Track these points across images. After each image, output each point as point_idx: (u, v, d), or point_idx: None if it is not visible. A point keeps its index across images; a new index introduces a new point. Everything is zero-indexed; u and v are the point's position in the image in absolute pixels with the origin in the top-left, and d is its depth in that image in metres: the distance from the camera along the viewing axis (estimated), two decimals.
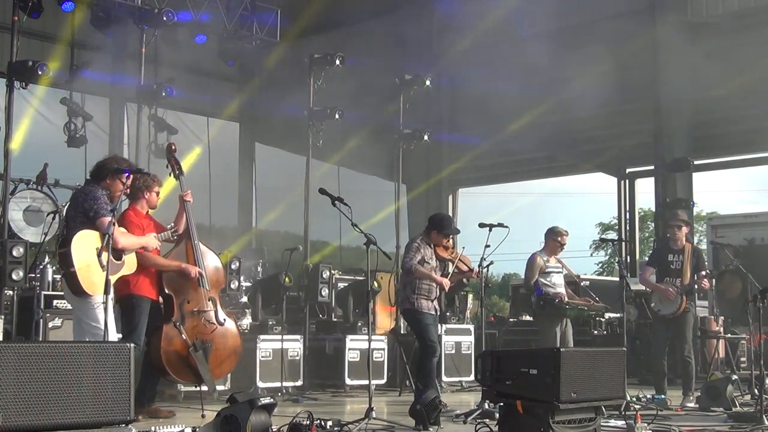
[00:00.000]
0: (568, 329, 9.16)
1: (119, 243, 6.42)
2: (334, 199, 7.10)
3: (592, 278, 20.59)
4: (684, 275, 9.03)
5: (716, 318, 13.07)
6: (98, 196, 6.47)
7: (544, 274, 9.11)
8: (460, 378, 11.35)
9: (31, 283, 8.84)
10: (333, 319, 11.41)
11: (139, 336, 7.00)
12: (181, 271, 7.24)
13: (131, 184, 6.97)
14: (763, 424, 7.00)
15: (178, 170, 7.49)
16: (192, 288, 7.30)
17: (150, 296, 7.16)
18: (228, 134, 18.30)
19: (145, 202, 7.24)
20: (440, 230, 8.31)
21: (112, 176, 6.62)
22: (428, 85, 12.71)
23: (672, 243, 9.27)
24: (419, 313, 8.15)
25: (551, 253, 9.24)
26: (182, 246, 7.36)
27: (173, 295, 7.24)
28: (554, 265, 9.23)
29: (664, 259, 9.24)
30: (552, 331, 9.00)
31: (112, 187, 6.60)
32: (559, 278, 9.24)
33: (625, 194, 20.69)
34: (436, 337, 8.20)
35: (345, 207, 7.07)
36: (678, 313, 8.99)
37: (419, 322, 8.19)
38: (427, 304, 8.19)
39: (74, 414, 4.21)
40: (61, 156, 12.68)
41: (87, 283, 6.26)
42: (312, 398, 9.30)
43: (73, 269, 6.23)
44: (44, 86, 11.56)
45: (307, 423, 5.71)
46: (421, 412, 6.48)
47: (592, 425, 5.77)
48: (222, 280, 7.86)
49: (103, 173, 6.69)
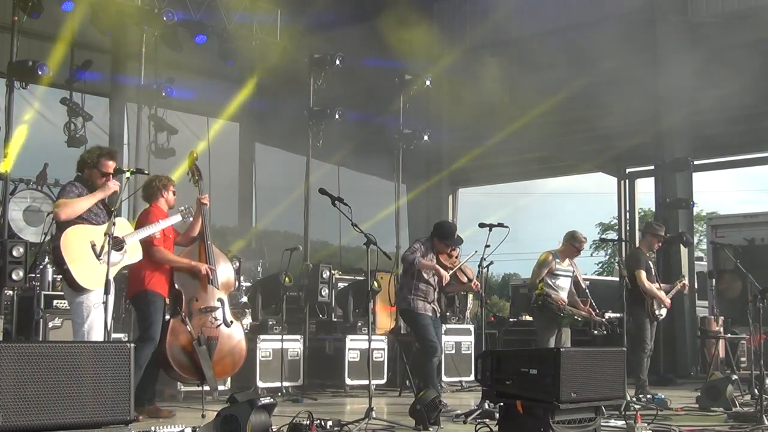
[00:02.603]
0: (565, 333, 9.11)
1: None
2: (334, 199, 7.11)
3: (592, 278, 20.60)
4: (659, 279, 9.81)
5: (716, 318, 13.08)
6: (65, 188, 6.53)
7: (552, 275, 9.07)
8: (460, 378, 11.35)
9: (31, 283, 8.84)
10: (333, 319, 11.41)
11: (156, 331, 7.08)
12: (191, 268, 7.34)
13: (148, 184, 7.33)
14: (763, 424, 7.00)
15: (198, 176, 7.67)
16: (201, 286, 7.42)
17: (162, 293, 7.25)
18: (228, 134, 18.28)
19: (164, 200, 7.39)
20: (441, 239, 8.33)
21: (89, 167, 6.64)
22: (428, 85, 12.72)
23: (647, 249, 9.76)
24: (416, 313, 8.16)
25: (565, 256, 9.22)
26: (195, 246, 7.53)
27: (182, 291, 7.35)
28: (565, 268, 9.18)
29: (649, 266, 9.64)
30: (547, 333, 9.01)
31: (91, 177, 6.61)
32: (566, 282, 9.19)
33: (625, 194, 20.68)
34: (434, 337, 8.19)
35: (345, 207, 7.08)
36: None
37: (416, 323, 8.21)
38: (423, 306, 8.19)
39: (74, 414, 4.21)
40: (61, 156, 12.67)
41: (82, 278, 6.23)
42: (312, 398, 9.30)
43: (66, 266, 6.22)
44: (44, 86, 11.56)
45: (307, 423, 5.71)
46: (421, 412, 6.49)
47: (592, 425, 5.77)
48: (232, 283, 7.97)
49: (80, 165, 6.74)
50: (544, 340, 8.96)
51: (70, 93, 13.16)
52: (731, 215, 16.91)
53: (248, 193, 19.00)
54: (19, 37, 10.05)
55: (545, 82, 15.25)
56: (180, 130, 13.79)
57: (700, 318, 13.91)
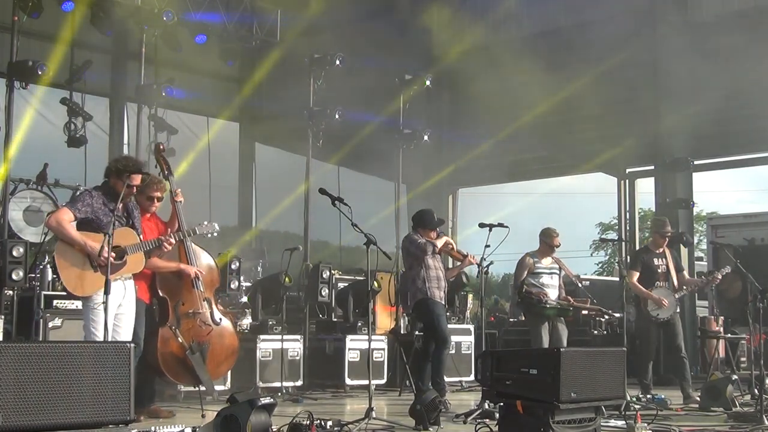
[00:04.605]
0: (559, 330, 9.12)
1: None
2: (334, 199, 7.10)
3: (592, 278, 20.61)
4: (672, 277, 9.32)
5: (716, 318, 13.08)
6: (81, 196, 6.51)
7: (534, 275, 9.15)
8: (460, 378, 11.35)
9: (31, 283, 8.83)
10: (333, 319, 11.40)
11: (140, 338, 6.96)
12: (180, 271, 7.24)
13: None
14: (763, 424, 7.00)
15: (167, 170, 7.42)
16: (186, 290, 7.29)
17: (144, 300, 7.12)
18: (228, 134, 18.27)
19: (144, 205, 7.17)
20: (425, 227, 8.35)
21: (115, 176, 6.59)
22: (428, 85, 12.71)
23: (655, 247, 9.48)
24: (433, 303, 8.21)
25: (543, 254, 9.26)
26: (174, 247, 7.27)
27: (168, 297, 7.23)
28: (547, 266, 9.22)
29: (650, 264, 9.40)
30: (538, 330, 9.05)
31: (116, 187, 6.52)
32: (550, 279, 9.22)
33: (625, 194, 20.64)
34: (447, 329, 8.25)
35: (345, 207, 7.08)
36: (674, 315, 9.22)
37: (432, 312, 8.24)
38: (439, 294, 8.27)
39: (74, 414, 4.21)
40: (61, 156, 12.66)
41: (73, 286, 6.22)
42: (312, 398, 9.30)
43: (57, 273, 6.23)
44: (44, 86, 11.55)
45: (307, 423, 5.72)
46: (421, 412, 6.49)
47: (592, 425, 5.77)
48: (216, 279, 7.79)
49: (107, 172, 6.71)
50: (537, 335, 9.00)
51: (70, 93, 13.13)
52: (731, 215, 16.91)
53: (248, 193, 18.97)
54: (19, 37, 10.05)
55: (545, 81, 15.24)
56: (180, 130, 13.77)
57: (700, 318, 13.91)
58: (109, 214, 6.32)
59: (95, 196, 6.48)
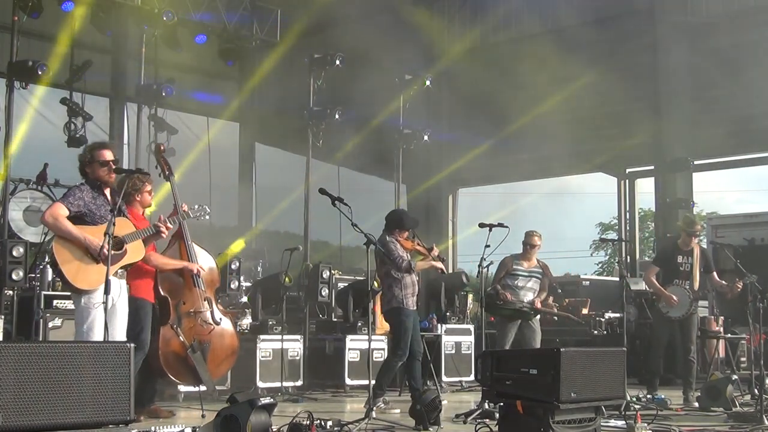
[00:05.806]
0: (530, 331, 9.06)
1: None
2: (334, 199, 7.09)
3: (592, 278, 20.59)
4: (694, 278, 9.03)
5: (716, 318, 13.07)
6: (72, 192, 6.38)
7: (511, 275, 9.14)
8: (460, 378, 11.35)
9: (31, 283, 8.84)
10: (333, 319, 11.41)
11: (147, 337, 6.98)
12: (184, 269, 7.26)
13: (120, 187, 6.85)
14: (763, 424, 7.00)
15: (168, 171, 7.40)
16: (187, 289, 7.30)
17: (149, 299, 7.13)
18: (228, 134, 18.28)
19: (138, 204, 7.15)
20: (402, 228, 8.20)
21: (89, 165, 6.48)
22: (428, 85, 12.71)
23: (682, 245, 9.18)
24: (406, 314, 7.97)
25: (525, 257, 9.23)
26: (176, 247, 7.35)
27: (169, 296, 7.24)
28: (527, 269, 9.18)
29: (672, 260, 9.16)
30: (504, 329, 9.04)
31: (96, 173, 6.42)
32: (526, 282, 9.17)
33: (625, 194, 20.63)
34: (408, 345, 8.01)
35: (345, 207, 7.06)
36: (687, 315, 9.01)
37: (401, 323, 7.93)
38: (413, 301, 8.07)
39: (74, 414, 4.21)
40: (61, 156, 12.64)
41: (75, 278, 6.16)
42: (312, 398, 9.30)
43: (58, 267, 6.18)
44: (44, 86, 11.55)
45: (307, 423, 5.71)
46: (421, 412, 6.49)
47: (592, 425, 5.77)
48: (216, 279, 7.79)
49: (80, 169, 6.58)
50: (501, 335, 9.02)
51: (70, 93, 13.13)
52: (731, 215, 16.89)
53: (248, 193, 18.98)
54: (19, 37, 10.06)
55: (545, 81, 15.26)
56: (180, 130, 13.77)
57: (700, 318, 13.89)
58: (101, 207, 6.30)
59: (84, 190, 6.40)
